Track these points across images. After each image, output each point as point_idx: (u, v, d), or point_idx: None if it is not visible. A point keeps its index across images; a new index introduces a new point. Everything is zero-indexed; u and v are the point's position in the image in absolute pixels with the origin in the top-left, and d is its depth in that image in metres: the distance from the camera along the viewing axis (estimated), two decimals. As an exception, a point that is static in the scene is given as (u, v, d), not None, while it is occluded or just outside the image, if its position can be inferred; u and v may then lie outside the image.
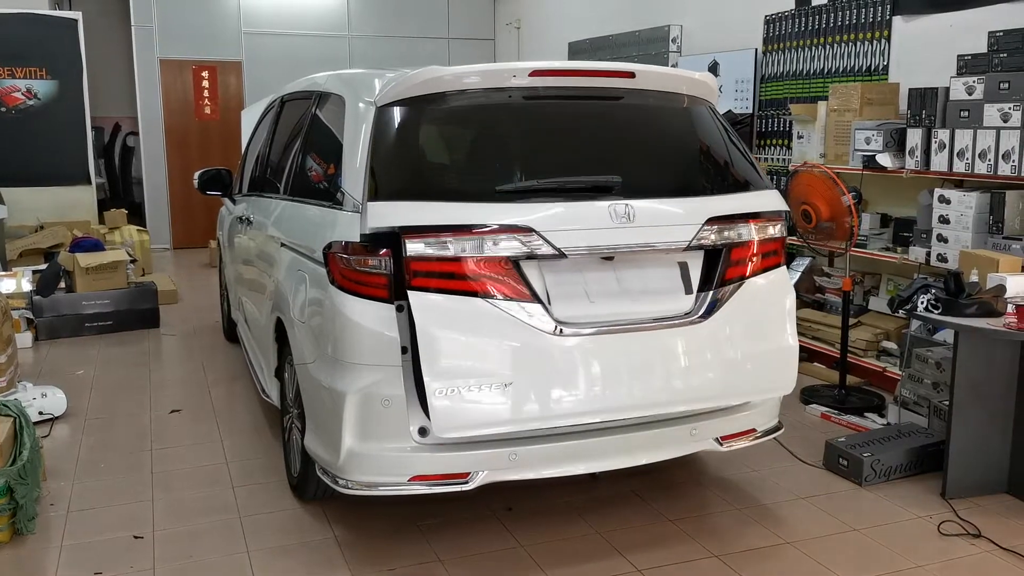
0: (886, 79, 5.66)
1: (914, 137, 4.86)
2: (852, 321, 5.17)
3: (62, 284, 6.68)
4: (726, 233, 3.26)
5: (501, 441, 3.06)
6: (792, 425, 4.24)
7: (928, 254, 4.76)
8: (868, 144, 5.12)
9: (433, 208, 2.95)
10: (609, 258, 3.13)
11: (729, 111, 6.86)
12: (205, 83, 10.81)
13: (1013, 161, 4.34)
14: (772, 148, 6.47)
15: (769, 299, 3.38)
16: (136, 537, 3.39)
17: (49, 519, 3.54)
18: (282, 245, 3.86)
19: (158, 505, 3.68)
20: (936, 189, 4.74)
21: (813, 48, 6.30)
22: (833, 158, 5.48)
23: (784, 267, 3.49)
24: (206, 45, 10.69)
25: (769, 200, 3.42)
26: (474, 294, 2.92)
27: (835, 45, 6.09)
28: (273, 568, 3.17)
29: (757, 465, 4.03)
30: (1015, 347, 3.66)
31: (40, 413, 4.60)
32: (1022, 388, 3.69)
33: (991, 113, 4.45)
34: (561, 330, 2.98)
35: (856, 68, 5.93)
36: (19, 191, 8.56)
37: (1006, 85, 4.38)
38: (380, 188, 3.03)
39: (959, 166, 4.61)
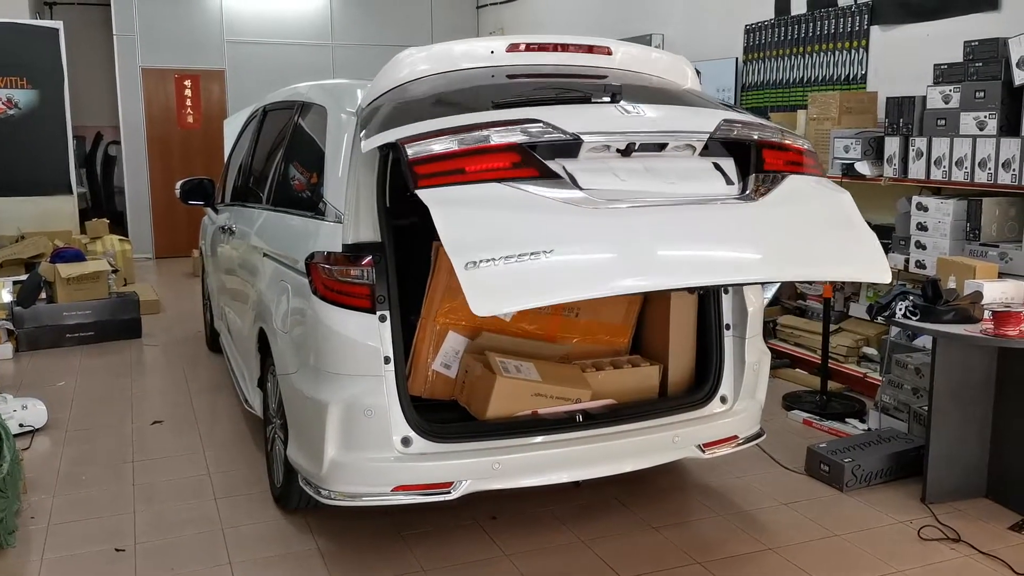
0: (864, 88, 5.72)
1: (892, 145, 4.92)
2: (833, 327, 5.21)
3: (43, 295, 6.63)
4: (750, 132, 3.05)
5: (484, 450, 3.06)
6: (774, 431, 4.26)
7: (907, 261, 4.81)
8: (847, 152, 5.17)
9: (429, 123, 2.75)
10: (629, 150, 2.87)
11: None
12: (188, 92, 10.77)
13: (989, 169, 4.40)
14: (753, 156, 6.52)
15: (822, 192, 3.08)
16: (118, 550, 3.37)
17: (29, 532, 3.52)
18: (265, 255, 3.86)
19: (140, 517, 3.66)
20: (914, 196, 4.80)
21: (793, 57, 6.36)
22: (813, 166, 5.52)
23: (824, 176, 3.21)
24: (189, 54, 10.66)
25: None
26: (489, 181, 2.65)
27: (814, 54, 6.15)
28: (256, 580, 3.16)
29: (740, 471, 4.06)
30: (992, 353, 3.70)
31: (20, 425, 4.56)
32: (1000, 393, 3.73)
33: (967, 121, 4.51)
34: (593, 201, 2.70)
35: (835, 77, 5.99)
36: (-1, 201, 8.51)
37: (982, 94, 4.44)
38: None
39: (936, 174, 4.66)
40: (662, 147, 2.92)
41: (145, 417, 4.94)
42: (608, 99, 2.95)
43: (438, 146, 2.64)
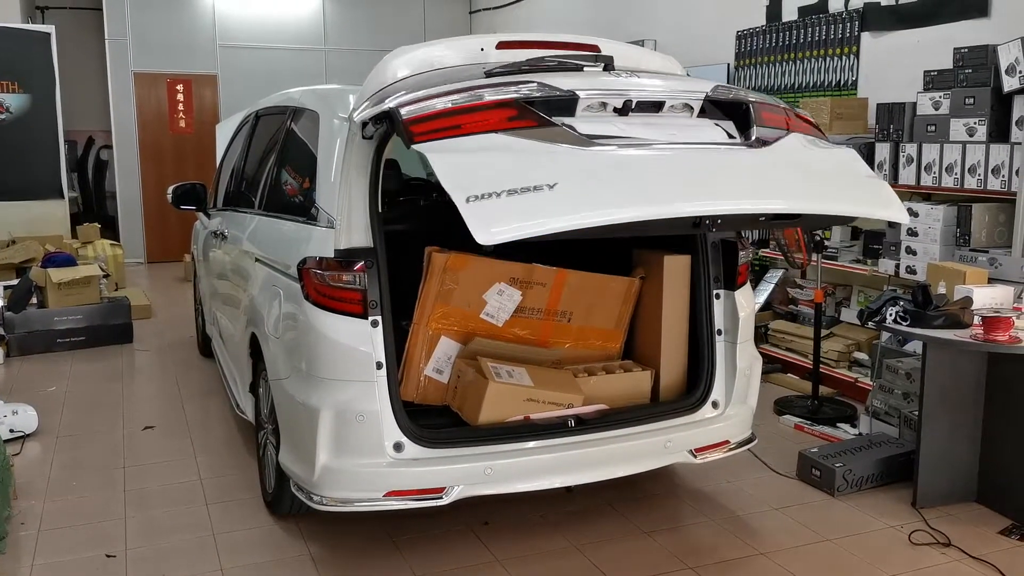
0: (855, 94, 5.75)
1: (882, 151, 4.94)
2: (824, 332, 5.23)
3: (34, 300, 6.61)
4: (747, 96, 3.06)
5: (476, 456, 3.06)
6: (766, 436, 4.27)
7: (897, 266, 4.84)
8: (838, 158, 5.19)
9: (422, 91, 2.74)
10: (627, 109, 2.86)
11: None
12: (180, 96, 10.76)
13: (979, 175, 4.43)
14: (745, 161, 6.54)
15: (828, 146, 3.10)
16: (109, 556, 3.36)
17: (20, 538, 3.50)
18: (257, 260, 3.85)
19: (131, 523, 3.65)
20: (905, 202, 4.81)
21: (784, 63, 6.39)
22: (804, 172, 5.55)
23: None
24: (181, 58, 10.64)
25: None
26: (486, 132, 2.62)
27: (805, 60, 6.18)
28: (247, 585, 3.16)
29: (731, 476, 4.07)
30: (982, 358, 3.72)
31: (11, 431, 4.54)
32: (989, 398, 3.75)
33: (957, 127, 4.54)
34: (596, 143, 2.68)
35: (826, 83, 6.02)
36: (-9, 205, 8.48)
37: (971, 100, 4.47)
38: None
39: (926, 180, 4.69)
40: (659, 107, 2.93)
41: (136, 422, 4.92)
42: (601, 67, 2.98)
43: (432, 106, 2.63)
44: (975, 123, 4.45)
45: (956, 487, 3.79)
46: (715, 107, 3.04)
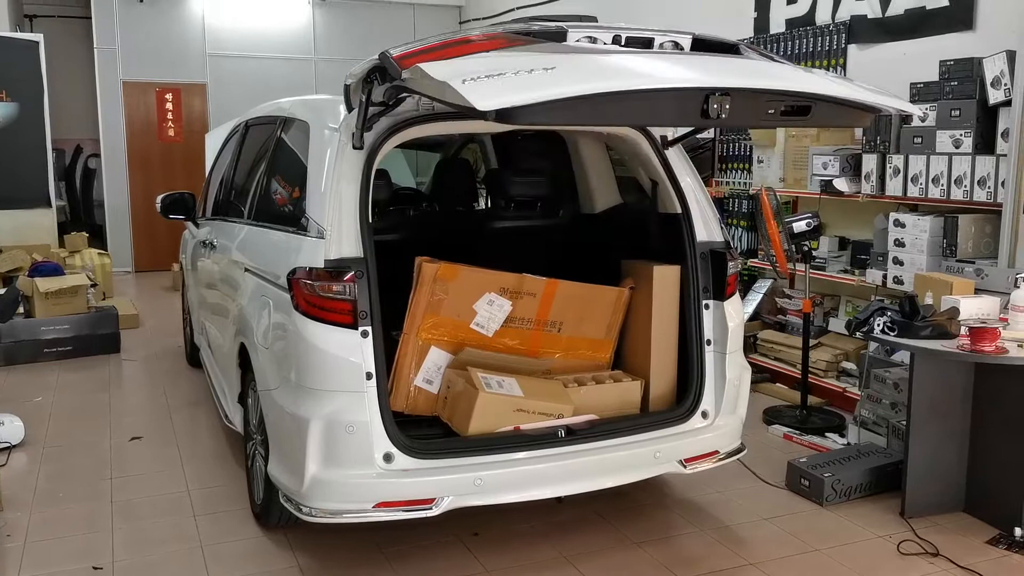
0: (843, 105, 5.78)
1: (869, 162, 4.98)
2: (813, 342, 5.25)
3: (21, 309, 6.56)
4: (734, 40, 3.09)
5: (466, 467, 3.06)
6: (755, 446, 4.28)
7: (885, 277, 4.86)
8: (825, 169, 5.23)
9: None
10: (616, 43, 2.85)
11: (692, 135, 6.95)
12: (169, 105, 10.74)
13: (965, 186, 4.46)
14: (733, 172, 6.58)
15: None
16: (95, 568, 3.33)
17: (5, 550, 3.47)
18: (246, 270, 3.85)
19: (118, 535, 3.62)
20: (891, 213, 4.85)
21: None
22: (792, 182, 5.58)
23: None
24: (170, 67, 10.63)
25: None
26: (480, 51, 2.63)
27: (793, 72, 6.21)
28: (236, 598, 3.14)
29: (721, 486, 4.07)
30: (969, 368, 3.74)
31: (-4, 442, 4.51)
32: (977, 408, 3.77)
33: (943, 139, 4.57)
34: (591, 47, 2.70)
35: (814, 94, 6.05)
36: (-23, 214, 8.43)
37: (957, 112, 4.51)
38: None
39: (913, 191, 4.72)
40: (649, 43, 2.91)
41: (124, 433, 4.89)
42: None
43: (422, 44, 2.60)
44: (961, 135, 4.49)
45: (944, 497, 3.80)
46: (704, 46, 3.00)
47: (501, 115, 2.25)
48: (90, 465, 4.41)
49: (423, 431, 3.30)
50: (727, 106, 2.51)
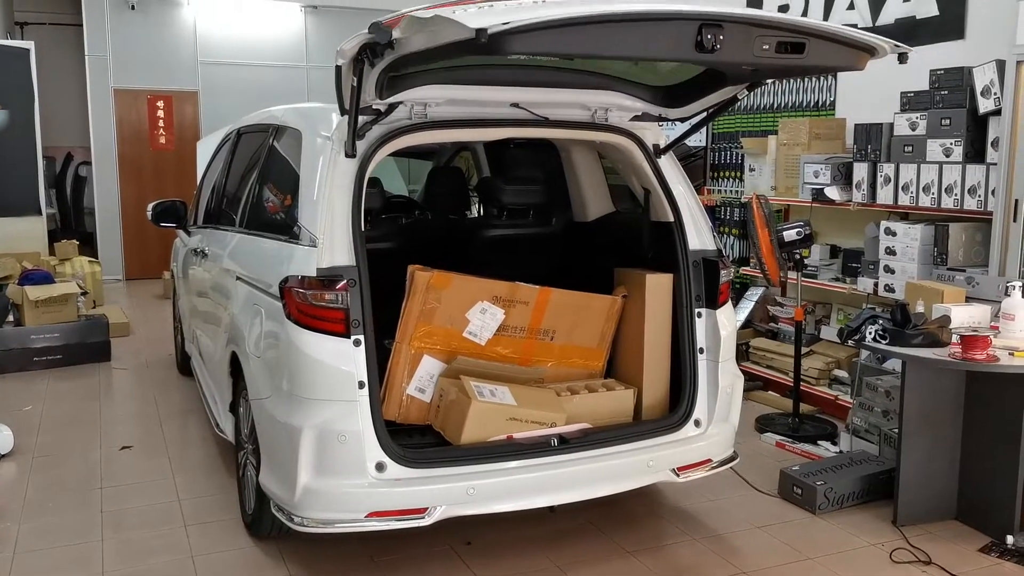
0: (833, 114, 5.82)
1: (860, 171, 5.00)
2: (805, 350, 5.26)
3: (10, 317, 6.54)
4: None
5: (459, 476, 3.05)
6: (747, 454, 4.29)
7: (876, 285, 4.88)
8: (816, 177, 5.25)
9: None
10: None
11: (683, 144, 6.97)
12: (160, 113, 10.72)
13: (955, 195, 4.49)
14: (725, 180, 6.60)
15: None
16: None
17: (-7, 562, 3.45)
18: (238, 279, 3.83)
19: (108, 545, 3.59)
20: (882, 221, 4.87)
21: (763, 83, 6.44)
22: (784, 190, 5.60)
23: None
24: (162, 75, 10.61)
25: None
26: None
27: (784, 81, 6.24)
28: (227, 608, 3.11)
29: (713, 495, 4.07)
30: (961, 376, 3.75)
31: (-15, 451, 4.48)
32: (968, 416, 3.78)
33: (934, 148, 4.60)
34: None
35: (804, 103, 6.09)
36: (-33, 222, 8.40)
37: (947, 121, 4.53)
38: None
39: (904, 199, 4.75)
40: None
41: (114, 442, 4.86)
42: None
43: (412, 9, 2.51)
44: (951, 144, 4.51)
45: (936, 505, 3.81)
46: None
47: (494, 40, 2.23)
48: (80, 475, 4.38)
49: (416, 440, 3.29)
50: (721, 37, 2.52)
